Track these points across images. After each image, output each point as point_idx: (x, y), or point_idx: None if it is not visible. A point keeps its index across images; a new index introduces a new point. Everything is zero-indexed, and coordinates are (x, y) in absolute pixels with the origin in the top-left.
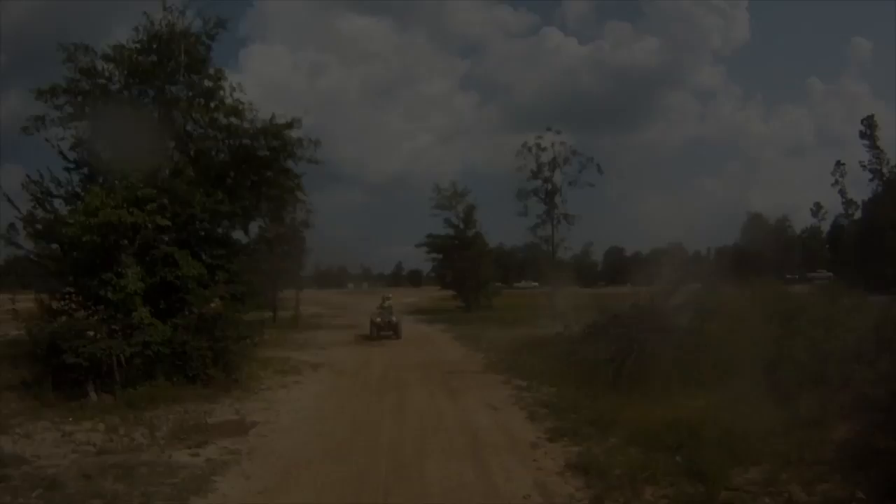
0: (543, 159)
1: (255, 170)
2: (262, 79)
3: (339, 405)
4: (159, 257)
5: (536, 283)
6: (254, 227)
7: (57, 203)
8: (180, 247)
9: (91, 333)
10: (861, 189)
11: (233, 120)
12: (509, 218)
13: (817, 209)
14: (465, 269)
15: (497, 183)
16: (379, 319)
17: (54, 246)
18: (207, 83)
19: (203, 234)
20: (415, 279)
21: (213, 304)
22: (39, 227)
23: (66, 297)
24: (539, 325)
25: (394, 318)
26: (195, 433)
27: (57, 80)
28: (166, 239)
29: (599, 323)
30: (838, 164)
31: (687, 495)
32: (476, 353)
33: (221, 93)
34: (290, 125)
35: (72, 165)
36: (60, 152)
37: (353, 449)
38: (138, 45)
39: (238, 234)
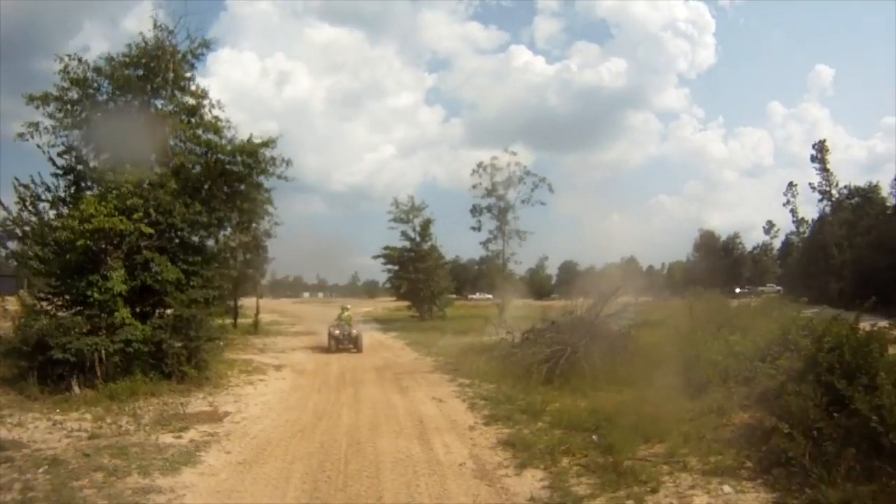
0: (498, 178)
1: (229, 183)
2: (230, 83)
3: (301, 398)
4: (140, 262)
5: (491, 296)
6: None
7: (41, 207)
8: (160, 253)
9: (74, 331)
10: (814, 208)
11: (212, 137)
12: (467, 231)
13: (770, 227)
14: (420, 280)
15: (457, 197)
16: (338, 332)
17: (37, 248)
18: (190, 100)
19: (178, 241)
20: (371, 290)
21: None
22: (27, 229)
23: (50, 296)
24: (487, 332)
25: (354, 331)
26: (175, 420)
27: (23, 74)
28: (145, 245)
29: (538, 329)
30: (790, 185)
31: (596, 464)
32: (426, 357)
33: (202, 110)
34: (265, 144)
35: (59, 171)
36: (50, 159)
37: (316, 431)
38: (127, 59)
39: (208, 242)
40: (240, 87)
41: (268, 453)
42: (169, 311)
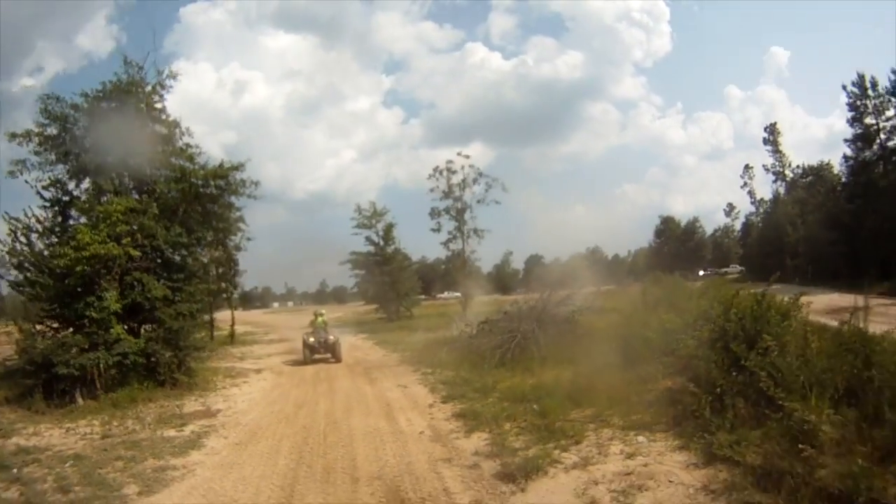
0: (454, 181)
1: (203, 205)
2: (186, 95)
3: (283, 394)
4: (129, 282)
5: (459, 294)
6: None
7: (32, 237)
8: (146, 273)
9: (75, 349)
10: (771, 189)
11: (185, 163)
12: (431, 232)
13: (730, 209)
14: (386, 283)
15: (419, 197)
16: (312, 339)
17: (39, 276)
18: (163, 129)
19: (161, 261)
20: (340, 296)
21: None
22: (22, 258)
23: (48, 319)
24: (451, 328)
25: (331, 337)
26: (175, 419)
27: None
28: (134, 266)
29: (492, 320)
30: (746, 167)
31: (533, 425)
32: (393, 354)
33: (174, 138)
34: (235, 168)
35: (47, 204)
36: (38, 192)
37: (298, 416)
38: (101, 94)
39: (188, 260)
40: (196, 98)
41: (259, 436)
42: (152, 326)
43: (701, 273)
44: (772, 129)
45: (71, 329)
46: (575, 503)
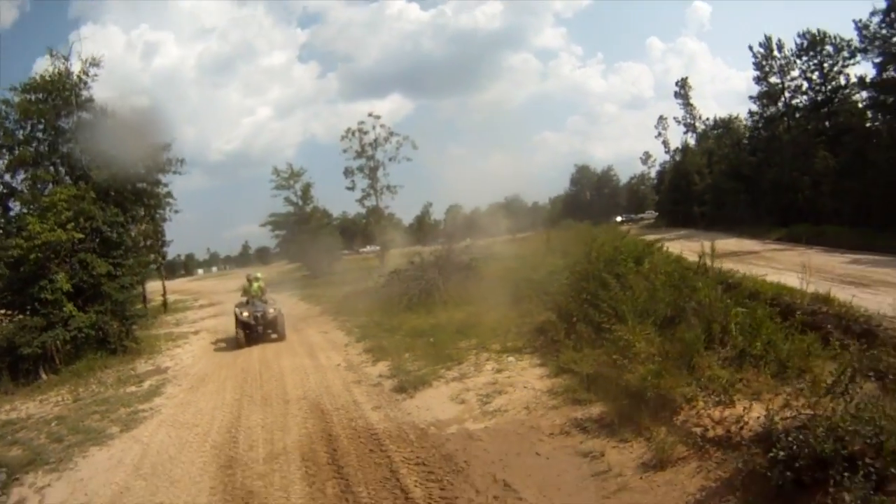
0: (366, 141)
1: (132, 184)
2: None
3: (221, 348)
4: (75, 263)
5: (379, 247)
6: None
7: None
8: (90, 253)
9: (35, 330)
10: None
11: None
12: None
13: (646, 157)
14: (307, 241)
15: (338, 152)
16: (246, 314)
17: None
18: (90, 116)
19: (100, 240)
20: (263, 257)
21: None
22: None
23: (2, 306)
24: (370, 280)
25: (271, 310)
26: (133, 378)
27: None
28: (78, 248)
29: (400, 270)
30: (660, 118)
31: (427, 354)
32: (317, 307)
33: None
34: (161, 148)
35: None
36: None
37: (237, 363)
38: (30, 87)
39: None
40: (106, 63)
41: (207, 380)
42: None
43: (618, 219)
44: (683, 84)
45: (25, 312)
46: (449, 404)
